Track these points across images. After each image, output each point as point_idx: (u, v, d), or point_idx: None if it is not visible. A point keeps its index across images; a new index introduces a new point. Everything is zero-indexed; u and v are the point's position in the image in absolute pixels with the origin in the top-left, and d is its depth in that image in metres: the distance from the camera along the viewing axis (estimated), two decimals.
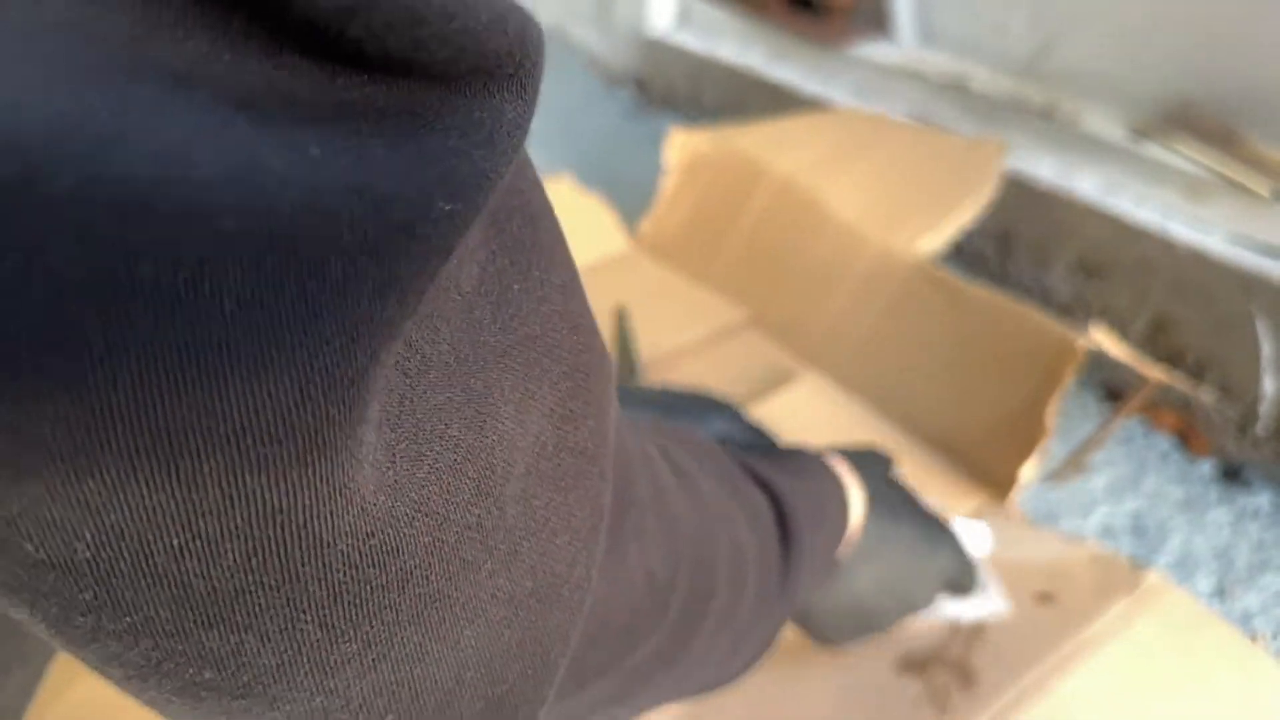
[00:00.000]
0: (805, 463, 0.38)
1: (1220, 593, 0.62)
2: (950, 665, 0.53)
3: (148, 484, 0.11)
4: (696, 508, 0.26)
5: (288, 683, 0.14)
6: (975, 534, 0.56)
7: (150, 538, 0.12)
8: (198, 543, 0.12)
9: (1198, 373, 0.74)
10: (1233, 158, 0.72)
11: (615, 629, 0.22)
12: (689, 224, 0.87)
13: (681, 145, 0.87)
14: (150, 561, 0.12)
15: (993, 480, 0.63)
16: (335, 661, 0.14)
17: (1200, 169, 0.73)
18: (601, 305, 0.73)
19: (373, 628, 0.14)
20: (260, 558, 0.13)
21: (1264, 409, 0.70)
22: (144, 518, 0.12)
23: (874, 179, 0.79)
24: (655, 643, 0.24)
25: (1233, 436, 0.72)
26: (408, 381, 0.14)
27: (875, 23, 0.99)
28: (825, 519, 0.36)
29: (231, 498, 0.12)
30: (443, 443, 0.15)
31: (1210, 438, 0.74)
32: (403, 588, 0.14)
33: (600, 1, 1.31)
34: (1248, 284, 0.68)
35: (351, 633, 0.14)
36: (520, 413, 0.17)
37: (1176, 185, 0.74)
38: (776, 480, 0.33)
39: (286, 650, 0.14)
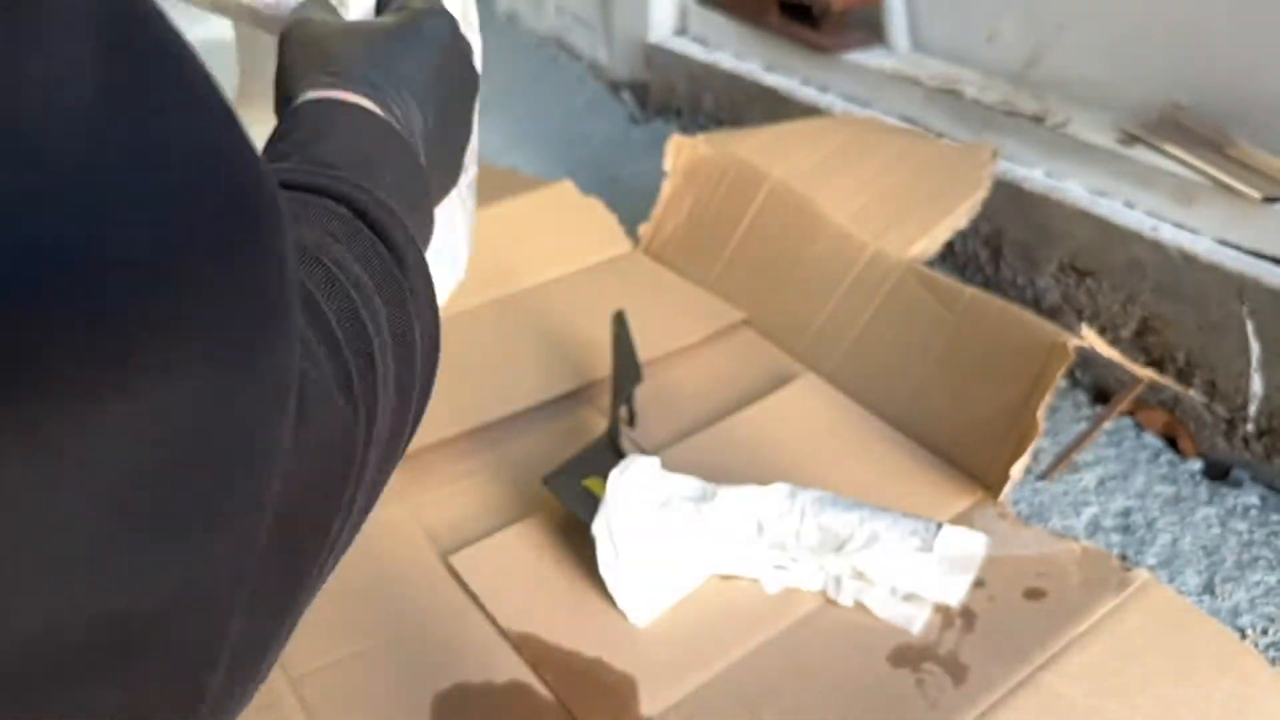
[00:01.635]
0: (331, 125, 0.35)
1: (1209, 590, 0.63)
2: (942, 660, 0.54)
3: None
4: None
5: None
6: (971, 543, 0.57)
7: None
8: None
9: (1186, 373, 0.75)
10: (1222, 161, 0.73)
11: None
12: (688, 228, 0.88)
13: (681, 150, 0.88)
14: None
15: (985, 479, 0.65)
16: None
17: (1190, 173, 0.74)
18: (602, 307, 0.74)
19: None
20: None
21: (1252, 409, 0.71)
22: None
23: (869, 183, 0.80)
24: None
25: (1221, 436, 0.73)
26: None
27: (870, 30, 1.01)
28: (402, 176, 0.35)
29: None
30: None
31: (1199, 437, 0.75)
32: None
33: (602, 9, 1.32)
34: (1236, 286, 0.69)
35: None
36: None
37: (1166, 189, 0.75)
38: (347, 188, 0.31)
39: None
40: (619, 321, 0.71)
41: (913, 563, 0.57)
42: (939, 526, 0.59)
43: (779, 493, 0.57)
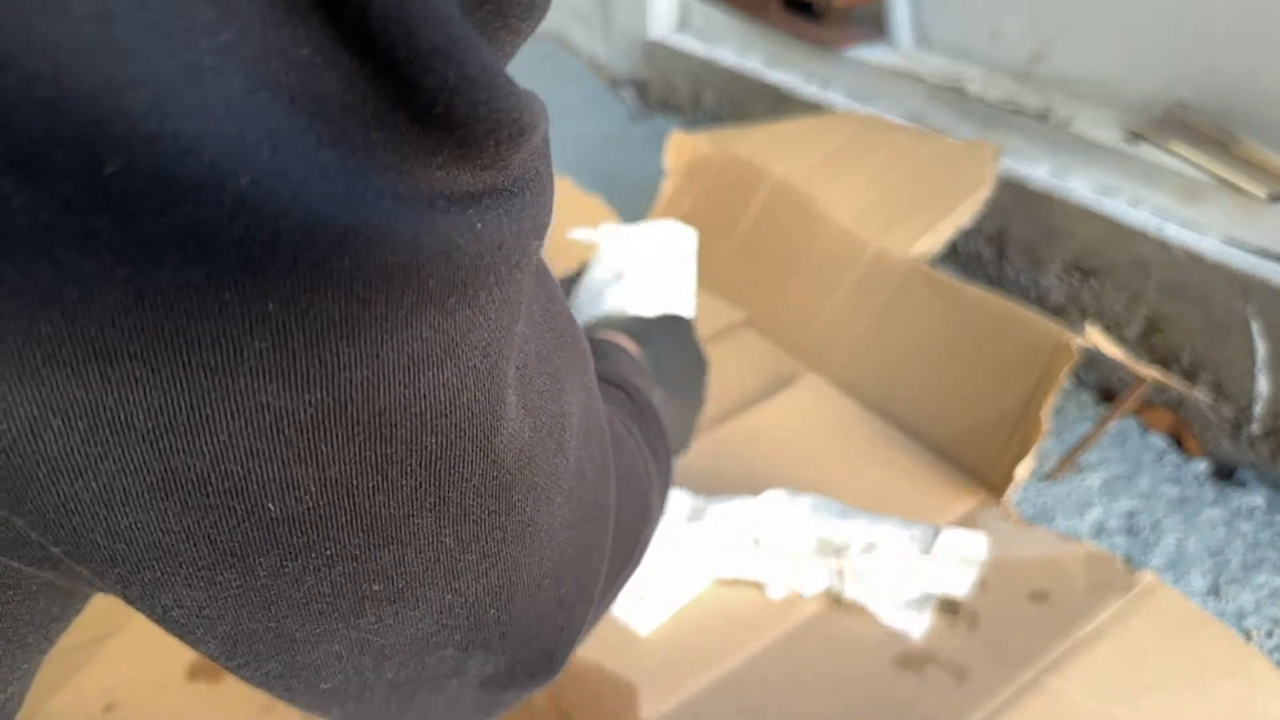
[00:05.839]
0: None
1: (1214, 592, 0.63)
2: (945, 663, 0.53)
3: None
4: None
5: (429, 585, 0.20)
6: (972, 543, 0.56)
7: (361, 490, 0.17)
8: (387, 483, 0.17)
9: (1192, 373, 0.74)
10: (1227, 160, 0.73)
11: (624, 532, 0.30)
12: (689, 225, 0.87)
13: (681, 147, 0.88)
14: (354, 503, 0.17)
15: (989, 479, 0.64)
16: (460, 569, 0.20)
17: (1195, 171, 0.73)
18: None
19: (487, 543, 0.21)
20: (425, 479, 0.18)
21: (1258, 409, 0.70)
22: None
23: (871, 181, 0.80)
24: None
25: (1227, 436, 0.73)
26: (519, 371, 0.20)
27: (873, 26, 1.00)
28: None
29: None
30: (542, 409, 0.21)
31: (1204, 438, 0.74)
32: (509, 513, 0.21)
33: (602, 5, 1.31)
34: (1242, 285, 0.69)
35: (473, 546, 0.20)
36: (573, 389, 0.23)
37: (1171, 187, 0.75)
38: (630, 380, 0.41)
39: (430, 559, 0.19)
40: None
41: (913, 568, 0.57)
42: (937, 531, 0.59)
43: (774, 500, 0.57)
